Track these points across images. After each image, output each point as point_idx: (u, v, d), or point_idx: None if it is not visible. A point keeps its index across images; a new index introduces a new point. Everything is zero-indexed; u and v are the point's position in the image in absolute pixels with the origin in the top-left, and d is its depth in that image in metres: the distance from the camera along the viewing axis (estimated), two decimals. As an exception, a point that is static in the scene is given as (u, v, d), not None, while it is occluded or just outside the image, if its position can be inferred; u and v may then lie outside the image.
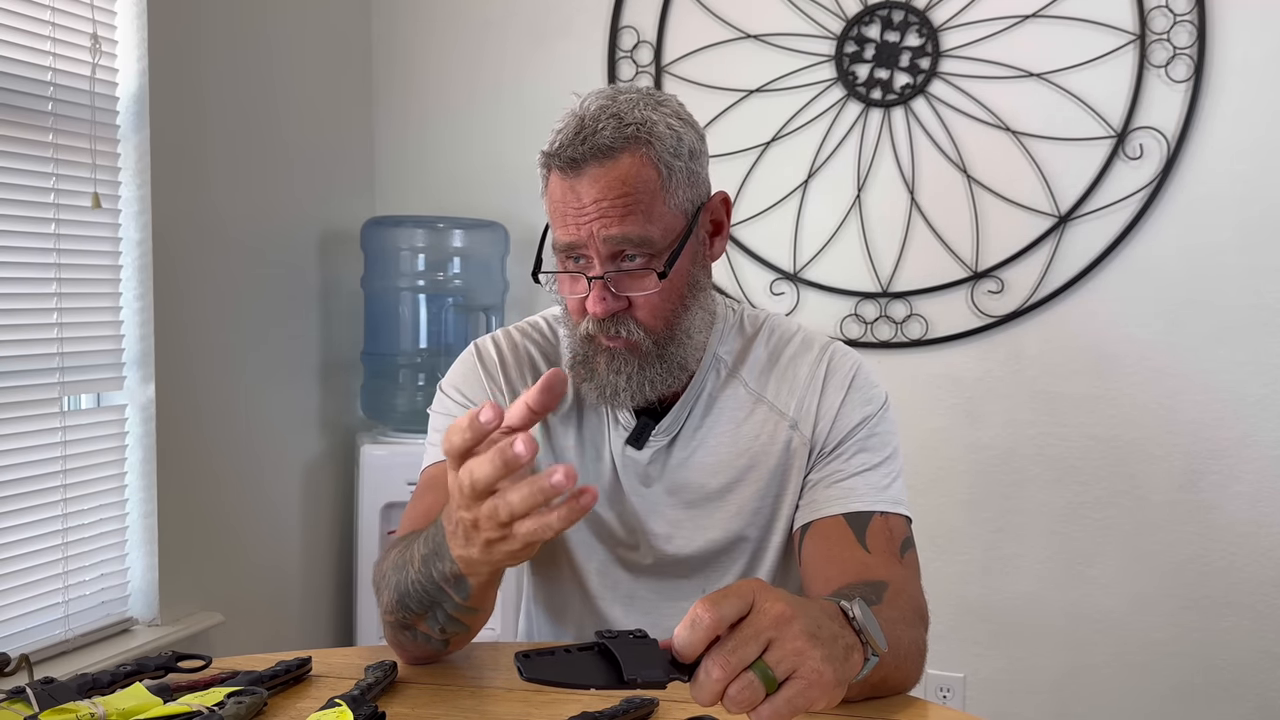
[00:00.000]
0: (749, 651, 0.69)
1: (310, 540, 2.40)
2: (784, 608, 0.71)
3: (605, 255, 1.03)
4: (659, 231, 1.04)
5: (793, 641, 0.70)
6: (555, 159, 1.03)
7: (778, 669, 0.69)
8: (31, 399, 1.71)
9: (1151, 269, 2.20)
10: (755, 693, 0.69)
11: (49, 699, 0.81)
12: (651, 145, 1.03)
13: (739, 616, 0.69)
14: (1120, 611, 2.25)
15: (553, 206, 1.05)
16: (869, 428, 1.13)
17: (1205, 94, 2.15)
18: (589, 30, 2.47)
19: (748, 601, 0.70)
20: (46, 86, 1.71)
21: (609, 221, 1.01)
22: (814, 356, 1.17)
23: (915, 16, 2.28)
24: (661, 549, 1.15)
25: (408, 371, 2.39)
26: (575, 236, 1.03)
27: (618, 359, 1.07)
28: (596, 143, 1.01)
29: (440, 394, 1.20)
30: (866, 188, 2.34)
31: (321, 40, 2.42)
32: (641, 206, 1.02)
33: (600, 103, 1.05)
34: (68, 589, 1.78)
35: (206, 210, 2.04)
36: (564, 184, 1.03)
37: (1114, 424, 2.23)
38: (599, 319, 1.05)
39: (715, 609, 0.68)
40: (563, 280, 1.08)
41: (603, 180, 1.01)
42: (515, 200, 2.50)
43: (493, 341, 1.21)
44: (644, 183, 1.02)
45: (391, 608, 0.96)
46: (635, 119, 1.03)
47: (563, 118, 1.06)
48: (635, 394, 1.08)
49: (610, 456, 1.15)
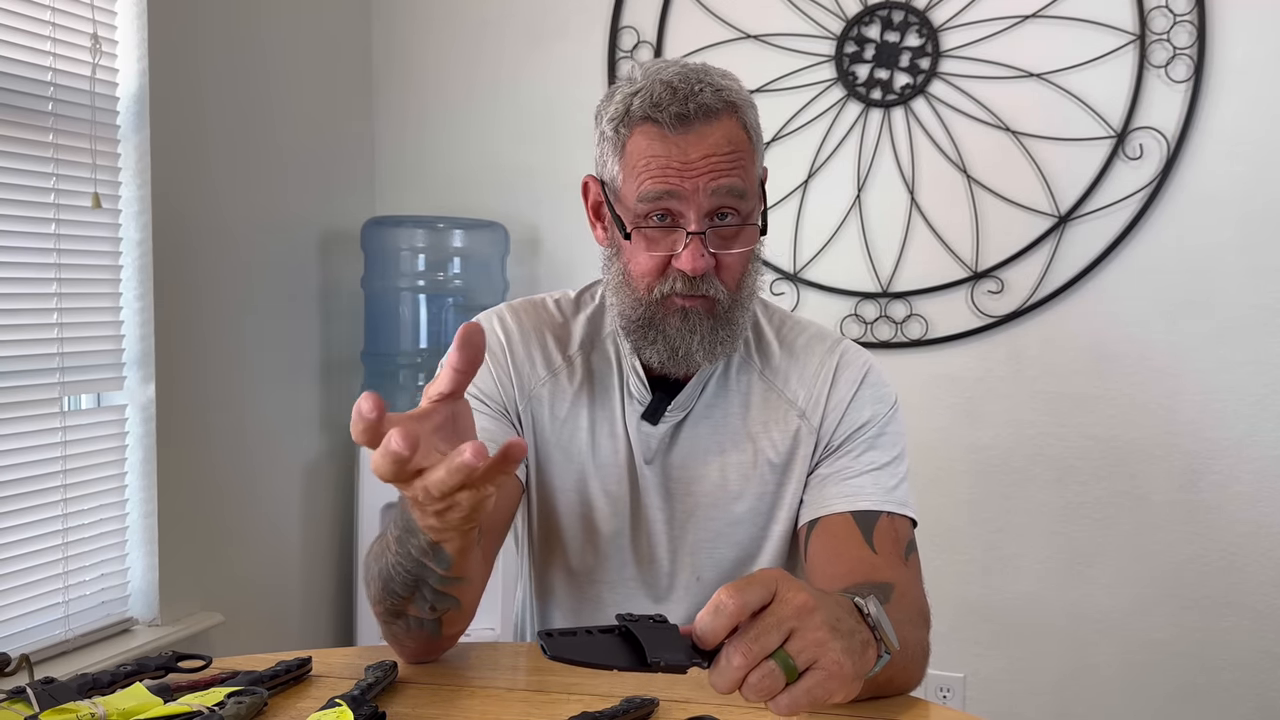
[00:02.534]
0: (771, 640, 0.69)
1: (310, 540, 2.40)
2: (806, 598, 0.71)
3: (705, 211, 1.04)
4: (751, 190, 1.07)
5: (814, 632, 0.71)
6: (659, 114, 1.03)
7: (799, 659, 0.70)
8: (31, 399, 1.71)
9: (1151, 269, 2.20)
10: (775, 681, 0.69)
11: (49, 699, 0.81)
12: (742, 110, 1.07)
13: (761, 605, 0.70)
14: (1120, 611, 2.25)
15: (644, 160, 1.05)
16: (879, 425, 1.14)
17: (1205, 94, 2.15)
18: (588, 30, 2.47)
19: (770, 590, 0.70)
20: (46, 86, 1.71)
21: (717, 175, 1.03)
22: (826, 349, 1.18)
23: (915, 16, 2.28)
24: (666, 525, 1.16)
25: (408, 371, 2.39)
26: (677, 187, 1.03)
27: (692, 318, 1.08)
28: (701, 102, 1.03)
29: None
30: (866, 188, 2.34)
31: (321, 41, 2.42)
32: (742, 164, 1.05)
33: (677, 70, 1.06)
34: (68, 589, 1.78)
35: (206, 210, 2.04)
36: (666, 140, 1.03)
37: (1114, 424, 2.23)
38: (691, 276, 1.05)
39: (739, 596, 0.69)
40: (641, 239, 1.07)
41: (711, 138, 1.03)
42: (515, 200, 2.50)
43: (497, 319, 1.20)
44: (741, 143, 1.05)
45: (379, 597, 0.96)
46: (723, 85, 1.06)
47: (629, 85, 1.07)
48: (705, 354, 1.09)
49: (625, 432, 1.16)
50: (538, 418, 1.16)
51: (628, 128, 1.06)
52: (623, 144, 1.06)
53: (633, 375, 1.15)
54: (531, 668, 1.03)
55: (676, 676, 0.96)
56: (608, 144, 1.08)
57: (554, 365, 1.18)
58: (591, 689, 0.94)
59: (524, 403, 1.16)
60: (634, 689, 0.92)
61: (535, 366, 1.17)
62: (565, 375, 1.17)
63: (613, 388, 1.17)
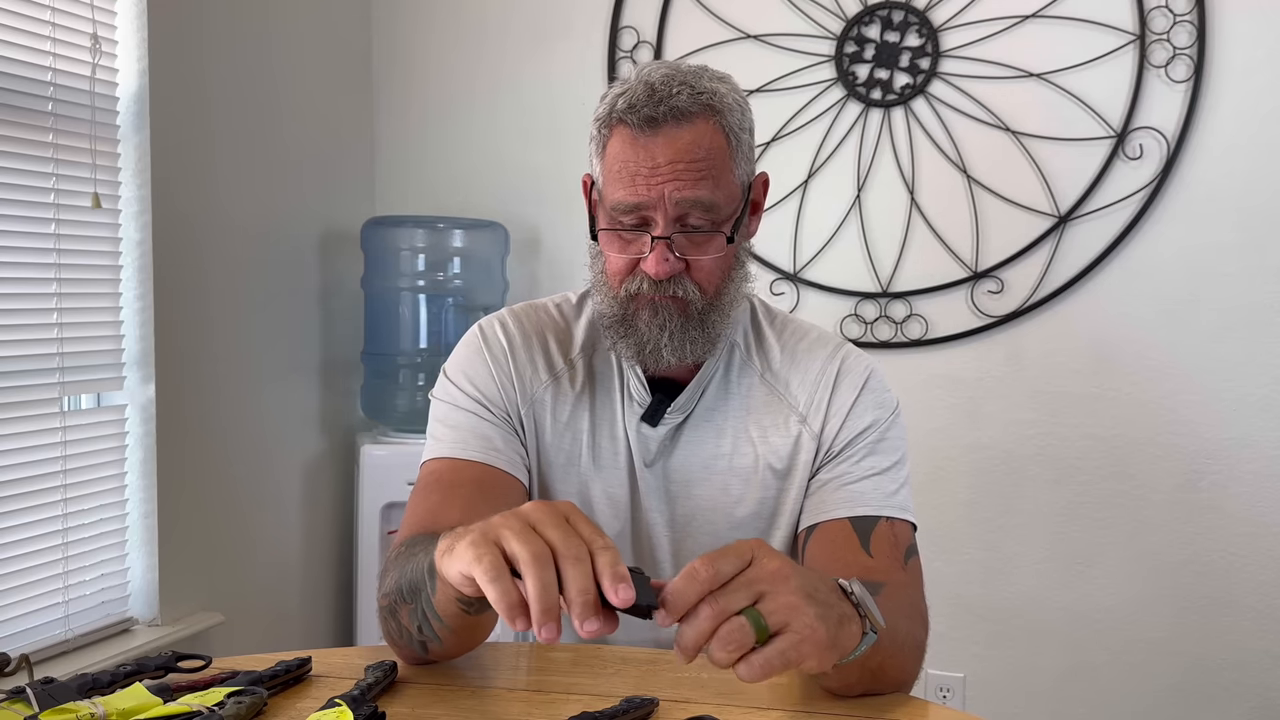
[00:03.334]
0: (739, 598, 0.69)
1: (310, 540, 2.40)
2: (780, 565, 0.71)
3: (672, 217, 1.04)
4: (724, 198, 1.05)
5: (787, 596, 0.71)
6: (630, 116, 1.03)
7: (770, 619, 0.70)
8: (31, 399, 1.71)
9: (1151, 269, 2.20)
10: (745, 636, 0.69)
11: (49, 699, 0.81)
12: (722, 114, 1.05)
13: (736, 574, 0.70)
14: (1120, 611, 2.25)
15: (617, 166, 1.05)
16: (880, 431, 1.13)
17: (1205, 94, 2.15)
18: (589, 30, 2.47)
19: (745, 560, 0.71)
20: (46, 86, 1.71)
21: (682, 184, 1.02)
22: (828, 354, 1.17)
23: (915, 16, 2.28)
24: (667, 529, 1.15)
25: (408, 371, 2.39)
26: (644, 197, 1.03)
27: (661, 313, 1.07)
28: (673, 105, 1.02)
29: (444, 379, 1.18)
30: (866, 188, 2.34)
31: (322, 40, 2.42)
32: (713, 172, 1.04)
33: (666, 71, 1.06)
34: (68, 589, 1.78)
35: (206, 210, 2.04)
36: (636, 144, 1.03)
37: (1114, 424, 2.23)
38: (656, 280, 1.05)
39: (712, 564, 0.69)
40: (613, 239, 1.07)
41: (678, 143, 1.02)
42: (515, 200, 2.50)
43: (499, 324, 1.20)
44: (716, 149, 1.04)
45: (390, 591, 0.96)
46: (706, 88, 1.04)
47: (620, 85, 1.07)
48: (676, 350, 1.08)
49: (624, 435, 1.15)
50: (540, 422, 1.16)
51: (608, 129, 1.06)
52: (604, 145, 1.07)
53: (632, 377, 1.15)
54: (531, 668, 1.03)
55: (676, 677, 0.96)
56: (594, 144, 1.09)
57: (556, 369, 1.18)
58: (591, 689, 0.94)
59: (526, 407, 1.16)
60: (634, 689, 0.92)
61: (537, 370, 1.17)
62: (567, 379, 1.17)
63: (613, 390, 1.17)
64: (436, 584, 0.85)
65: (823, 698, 0.93)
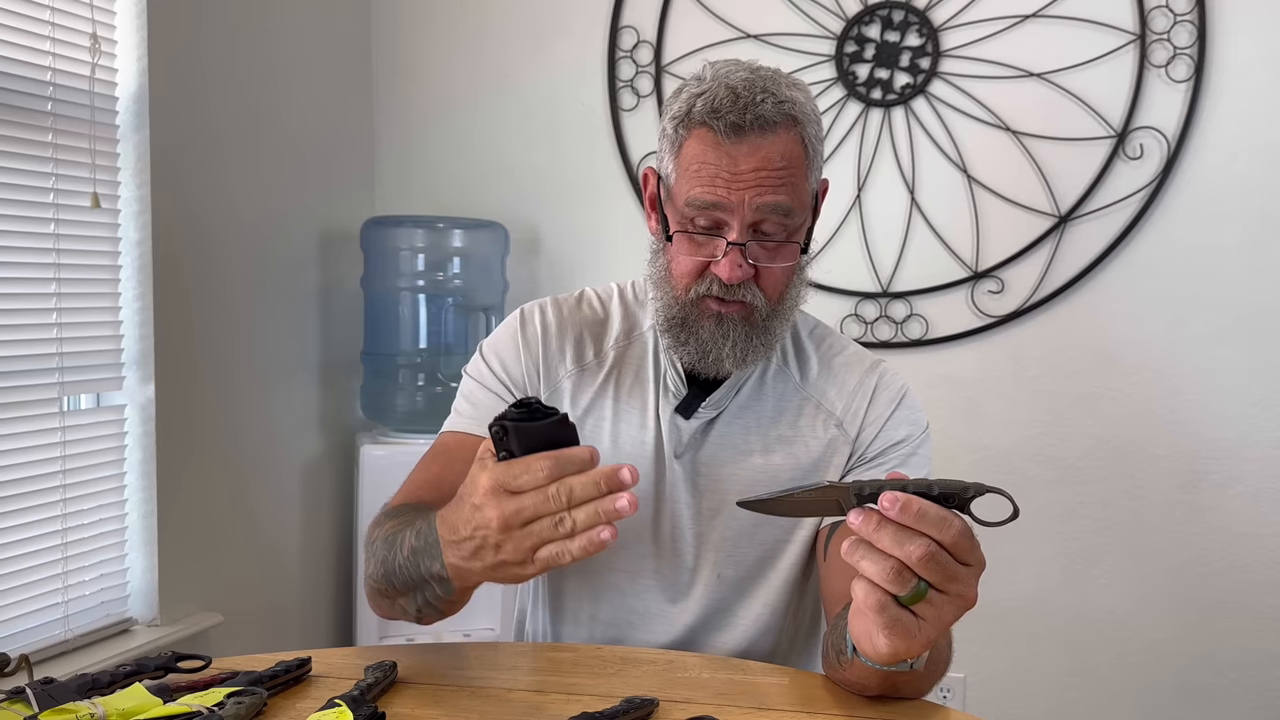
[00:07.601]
0: (932, 559, 0.77)
1: (310, 540, 2.40)
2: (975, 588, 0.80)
3: (748, 223, 1.05)
4: (799, 206, 1.07)
5: (965, 585, 0.79)
6: (714, 121, 1.03)
7: (935, 585, 0.77)
8: (31, 399, 1.71)
9: (1152, 269, 2.20)
10: (909, 578, 0.75)
11: (49, 699, 0.81)
12: (803, 125, 1.06)
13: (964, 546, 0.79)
14: (1120, 612, 2.25)
15: (696, 166, 1.05)
16: (912, 445, 1.16)
17: (1205, 94, 2.15)
18: (589, 30, 2.47)
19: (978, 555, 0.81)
20: (46, 86, 1.71)
21: (764, 191, 1.04)
22: (865, 368, 1.20)
23: (915, 16, 2.28)
24: (693, 521, 1.16)
25: (407, 372, 2.39)
26: (723, 198, 1.04)
27: (726, 323, 1.09)
28: (759, 113, 1.03)
29: (478, 356, 1.22)
30: (866, 188, 2.34)
31: (321, 40, 2.42)
32: (791, 181, 1.05)
33: (745, 75, 1.06)
34: (67, 589, 1.78)
35: (206, 210, 2.04)
36: (719, 148, 1.04)
37: (1114, 424, 2.23)
38: (727, 284, 1.06)
39: (966, 532, 0.81)
40: (685, 241, 1.08)
41: (763, 151, 1.03)
42: (515, 200, 2.50)
43: (539, 310, 1.23)
44: (794, 160, 1.05)
45: (376, 578, 1.00)
46: (787, 96, 1.05)
47: (696, 85, 1.07)
48: (736, 360, 1.10)
49: (656, 424, 1.17)
50: (557, 406, 1.18)
51: (686, 129, 1.07)
52: (680, 144, 1.07)
53: (670, 369, 1.16)
54: (531, 668, 1.03)
55: (676, 677, 0.96)
56: (666, 141, 1.09)
57: (584, 361, 1.20)
58: (591, 689, 0.94)
59: (547, 393, 1.19)
60: (634, 689, 0.92)
61: (565, 360, 1.20)
62: (593, 369, 1.20)
63: (647, 380, 1.18)
64: (452, 587, 0.90)
65: (822, 698, 0.93)
